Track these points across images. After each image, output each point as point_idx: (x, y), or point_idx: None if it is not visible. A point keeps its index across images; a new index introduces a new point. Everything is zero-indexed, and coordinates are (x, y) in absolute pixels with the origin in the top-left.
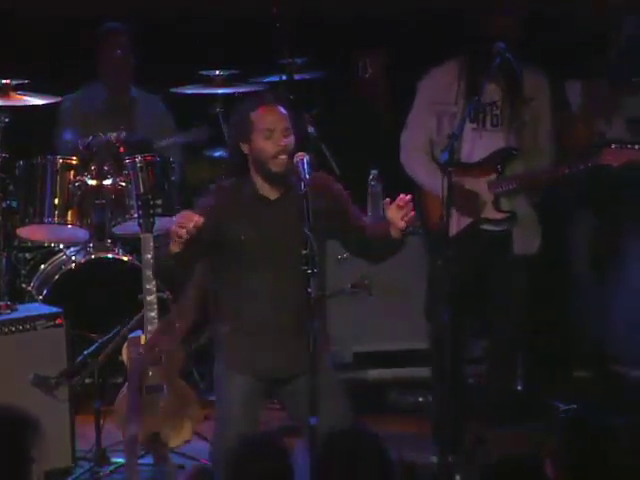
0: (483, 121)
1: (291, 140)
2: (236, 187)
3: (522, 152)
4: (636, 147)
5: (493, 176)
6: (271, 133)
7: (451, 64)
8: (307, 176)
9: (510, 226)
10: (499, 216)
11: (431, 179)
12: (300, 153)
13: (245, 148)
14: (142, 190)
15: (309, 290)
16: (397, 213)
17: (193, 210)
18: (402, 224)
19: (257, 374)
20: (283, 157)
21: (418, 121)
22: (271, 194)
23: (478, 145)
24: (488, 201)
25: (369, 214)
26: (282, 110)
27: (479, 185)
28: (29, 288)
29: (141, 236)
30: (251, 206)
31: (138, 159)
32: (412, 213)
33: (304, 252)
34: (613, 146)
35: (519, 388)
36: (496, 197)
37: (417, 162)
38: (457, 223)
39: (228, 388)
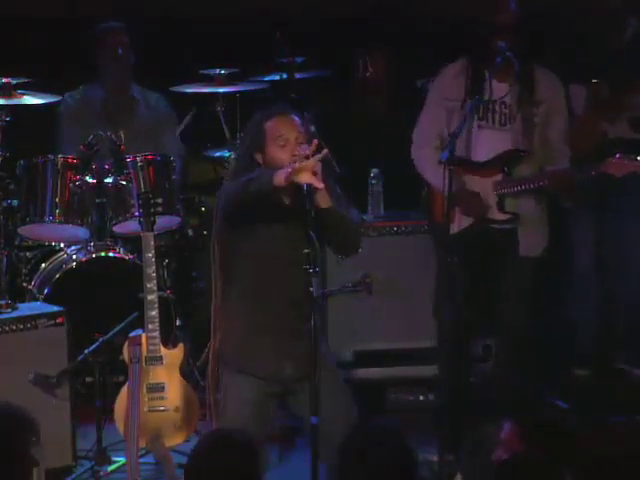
0: (492, 119)
1: (305, 149)
2: None
3: (531, 154)
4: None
5: (499, 177)
6: (285, 142)
7: (460, 62)
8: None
9: (513, 227)
10: (502, 217)
11: (436, 177)
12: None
13: (259, 158)
14: (143, 189)
15: (311, 289)
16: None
17: None
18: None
19: (267, 376)
20: None
21: (429, 117)
22: (284, 200)
23: (485, 142)
24: (493, 202)
25: (370, 213)
26: (296, 119)
27: (485, 185)
28: (30, 287)
29: (142, 235)
30: None
31: (139, 158)
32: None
33: (306, 251)
34: (618, 156)
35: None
36: (500, 198)
37: (425, 159)
38: (461, 221)
39: (238, 391)
